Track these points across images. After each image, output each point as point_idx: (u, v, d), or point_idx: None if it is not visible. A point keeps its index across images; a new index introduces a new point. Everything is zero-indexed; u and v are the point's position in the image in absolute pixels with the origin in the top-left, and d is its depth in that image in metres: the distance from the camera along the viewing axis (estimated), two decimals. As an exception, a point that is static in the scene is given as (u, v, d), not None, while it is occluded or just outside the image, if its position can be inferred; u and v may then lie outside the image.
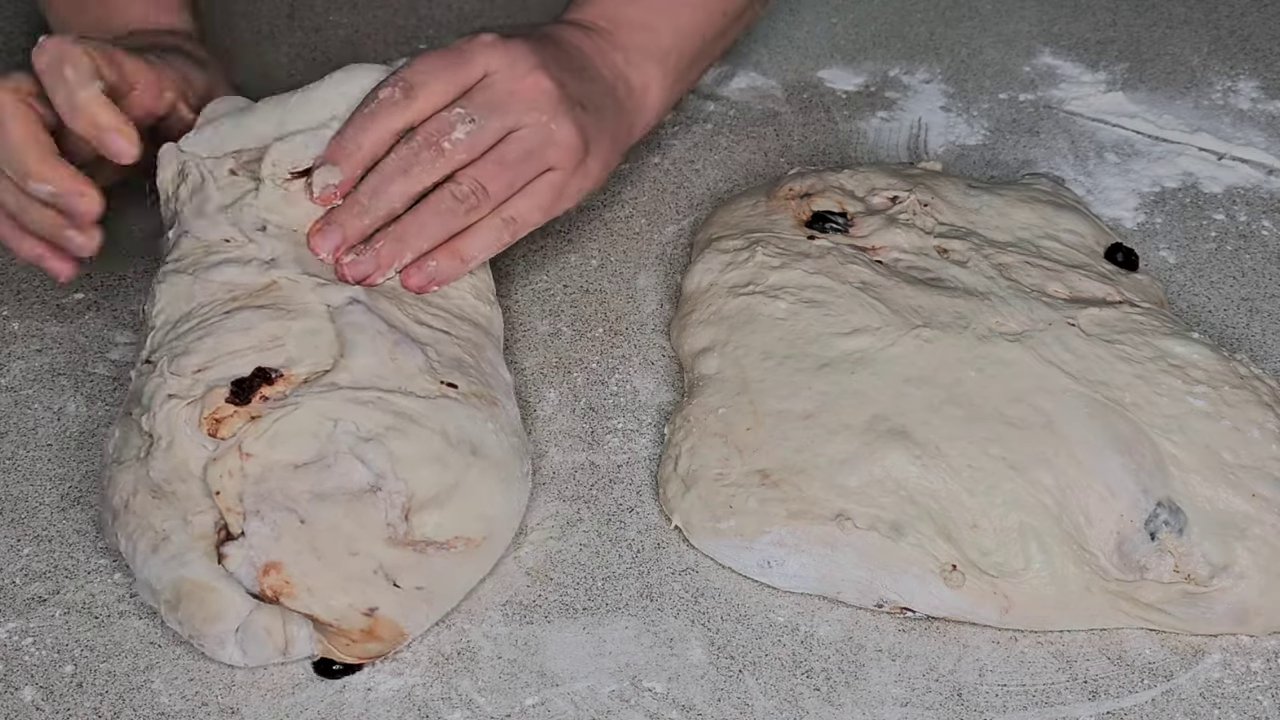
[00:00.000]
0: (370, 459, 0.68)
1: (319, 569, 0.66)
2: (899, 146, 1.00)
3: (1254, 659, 0.69)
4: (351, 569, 0.66)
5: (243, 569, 0.66)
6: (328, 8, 1.12)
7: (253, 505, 0.67)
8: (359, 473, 0.68)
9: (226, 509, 0.67)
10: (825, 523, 0.71)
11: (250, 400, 0.69)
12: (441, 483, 0.69)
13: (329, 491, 0.67)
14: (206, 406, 0.69)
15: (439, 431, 0.70)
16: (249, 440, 0.68)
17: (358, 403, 0.70)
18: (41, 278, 0.88)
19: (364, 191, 0.76)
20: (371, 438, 0.69)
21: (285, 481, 0.67)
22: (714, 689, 0.67)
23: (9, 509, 0.75)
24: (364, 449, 0.68)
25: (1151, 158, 0.99)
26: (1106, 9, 1.13)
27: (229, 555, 0.66)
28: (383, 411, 0.70)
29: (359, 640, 0.67)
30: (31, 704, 0.66)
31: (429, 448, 0.70)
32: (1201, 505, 0.70)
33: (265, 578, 0.66)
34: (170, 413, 0.69)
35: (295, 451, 0.68)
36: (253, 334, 0.72)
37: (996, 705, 0.67)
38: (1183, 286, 0.89)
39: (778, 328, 0.78)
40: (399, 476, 0.68)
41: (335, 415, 0.69)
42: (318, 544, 0.66)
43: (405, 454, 0.69)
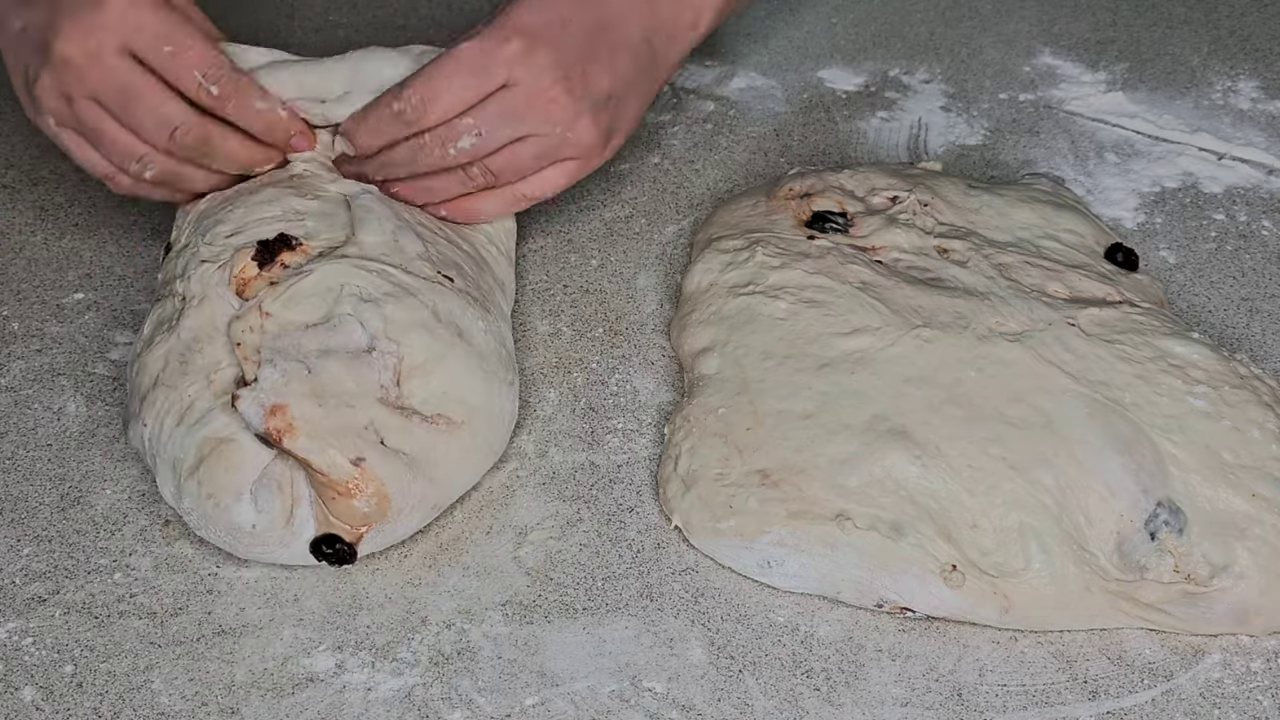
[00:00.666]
0: (368, 320, 0.74)
1: (319, 415, 0.71)
2: (899, 146, 1.00)
3: (1254, 659, 0.69)
4: (346, 420, 0.71)
5: (251, 409, 0.71)
6: (328, 8, 1.12)
7: (268, 355, 0.73)
8: (359, 334, 0.74)
9: (244, 358, 0.73)
10: (825, 523, 0.71)
11: (274, 261, 0.76)
12: (429, 352, 0.75)
13: (333, 348, 0.73)
14: (235, 265, 0.76)
15: (429, 307, 0.76)
16: (269, 301, 0.74)
17: (364, 270, 0.76)
18: (41, 278, 0.88)
19: (373, 165, 0.81)
20: (370, 299, 0.75)
21: (298, 338, 0.73)
22: (714, 689, 0.67)
23: (9, 509, 0.75)
24: (363, 310, 0.74)
25: (1151, 158, 0.99)
26: (1106, 9, 1.13)
27: (241, 396, 0.71)
28: (382, 280, 0.76)
29: (344, 495, 0.70)
30: (31, 704, 0.66)
31: (418, 317, 0.75)
32: (1201, 505, 0.70)
33: (271, 418, 0.70)
34: (204, 275, 0.76)
35: (308, 312, 0.74)
36: (277, 205, 0.79)
37: (996, 705, 0.67)
38: (1183, 286, 0.89)
39: (778, 328, 0.78)
40: (390, 338, 0.74)
41: (343, 280, 0.75)
42: (320, 392, 0.72)
43: (397, 318, 0.75)
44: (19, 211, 0.93)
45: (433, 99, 0.78)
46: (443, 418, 0.74)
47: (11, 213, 0.93)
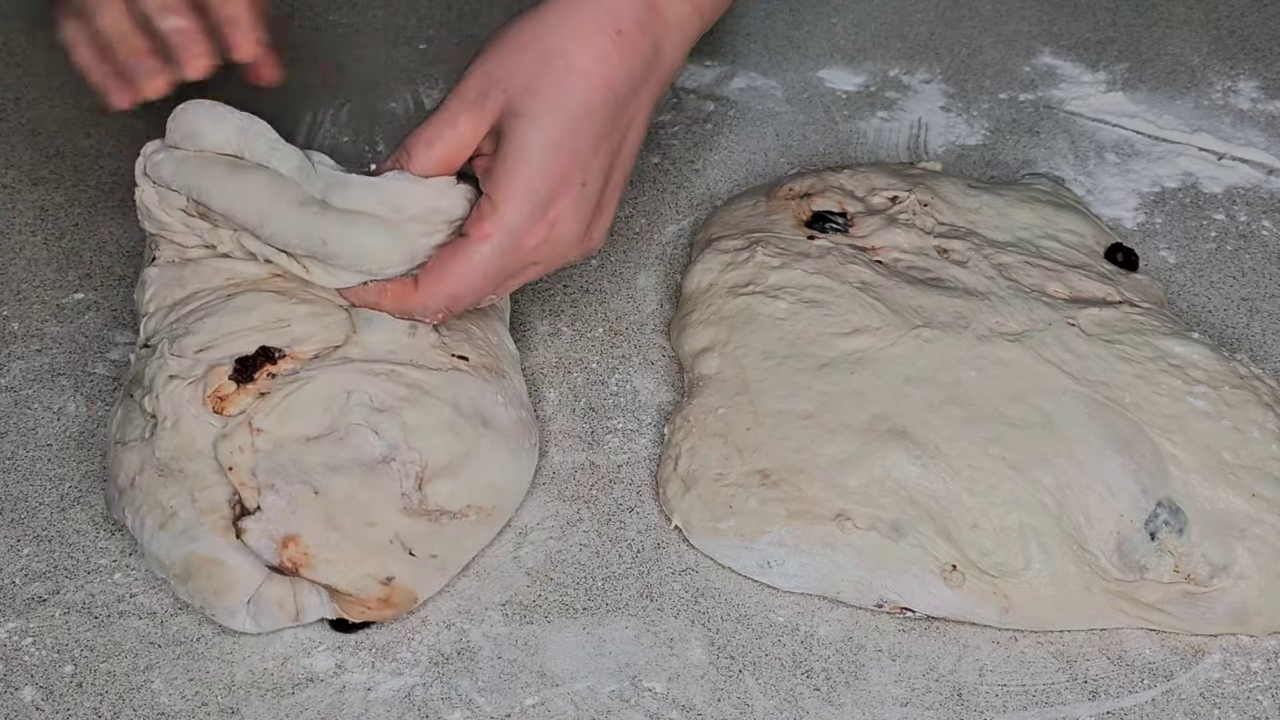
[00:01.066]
0: (384, 429, 0.69)
1: (336, 540, 0.67)
2: (899, 146, 1.00)
3: (1254, 659, 0.69)
4: (368, 539, 0.68)
5: (261, 542, 0.67)
6: (328, 8, 1.12)
7: (266, 479, 0.68)
8: (372, 444, 0.69)
9: (240, 484, 0.68)
10: (825, 523, 0.71)
11: (254, 378, 0.70)
12: (454, 452, 0.71)
13: (343, 463, 0.69)
14: (209, 385, 0.70)
15: (450, 403, 0.72)
16: (259, 416, 0.69)
17: (371, 374, 0.71)
18: (41, 277, 0.88)
19: None
20: (385, 409, 0.70)
21: (298, 454, 0.68)
22: (714, 689, 0.67)
23: (9, 509, 0.75)
24: (378, 420, 0.70)
25: (1151, 158, 0.99)
26: (1106, 9, 1.13)
27: (247, 530, 0.67)
28: (396, 383, 0.71)
29: (375, 607, 0.68)
30: (31, 704, 0.66)
31: (441, 418, 0.71)
32: (1201, 505, 0.70)
33: (284, 550, 0.67)
34: (173, 393, 0.70)
35: (307, 425, 0.69)
36: (255, 314, 0.72)
37: (996, 705, 0.67)
38: (1183, 286, 0.89)
39: (778, 328, 0.78)
40: (412, 447, 0.70)
41: (349, 387, 0.70)
42: (334, 515, 0.68)
43: (418, 424, 0.70)
44: (19, 211, 0.93)
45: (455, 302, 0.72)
46: (472, 508, 0.71)
47: (11, 213, 0.93)
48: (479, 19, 1.11)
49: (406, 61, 1.06)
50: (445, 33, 1.09)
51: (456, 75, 0.72)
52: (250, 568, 0.67)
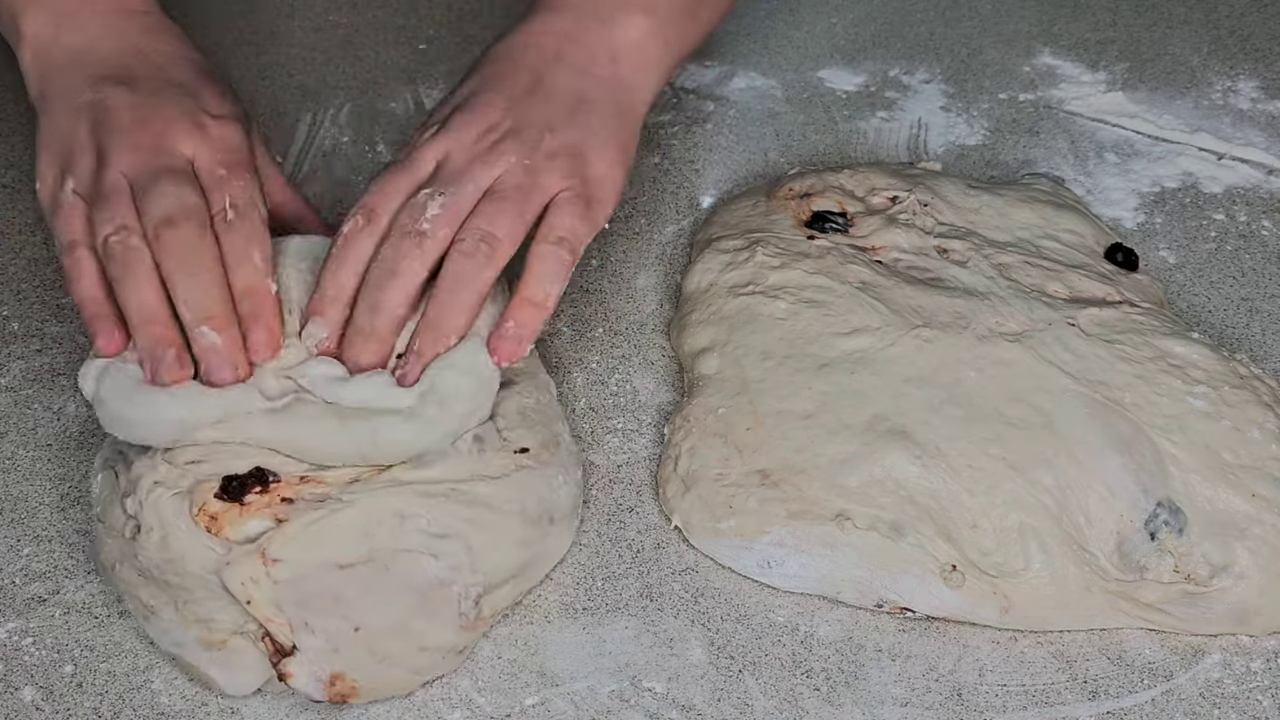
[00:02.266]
0: (445, 555, 0.65)
1: (384, 670, 0.64)
2: (899, 146, 1.00)
3: (1254, 659, 0.69)
4: (421, 662, 0.65)
5: (310, 685, 0.64)
6: (328, 8, 1.12)
7: (296, 616, 0.63)
8: (428, 570, 0.65)
9: (266, 619, 0.63)
10: (825, 523, 0.71)
11: (241, 501, 0.65)
12: (520, 563, 0.68)
13: (390, 592, 0.64)
14: (195, 501, 0.65)
15: (518, 513, 0.68)
16: (275, 547, 0.63)
17: (428, 496, 0.66)
18: (41, 277, 0.88)
19: (361, 313, 0.69)
20: (447, 534, 0.65)
21: (330, 585, 0.63)
22: (714, 689, 0.67)
23: (9, 509, 0.75)
24: (439, 546, 0.65)
25: (1151, 158, 0.99)
26: (1106, 9, 1.13)
27: (292, 674, 0.63)
28: (457, 503, 0.66)
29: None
30: (31, 704, 0.66)
31: (510, 535, 0.67)
32: (1201, 505, 0.70)
33: (331, 688, 0.64)
34: (157, 502, 0.65)
35: (339, 553, 0.64)
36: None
37: (996, 705, 0.67)
38: (1183, 286, 0.89)
39: (778, 328, 0.78)
40: (477, 570, 0.66)
41: (402, 511, 0.65)
42: (380, 649, 0.64)
43: (485, 546, 0.66)
44: (19, 211, 0.93)
45: (377, 203, 0.71)
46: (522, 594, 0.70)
47: (11, 213, 0.93)
48: (479, 19, 1.11)
49: (406, 61, 1.06)
50: (445, 33, 1.09)
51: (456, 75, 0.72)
52: (240, 683, 0.65)
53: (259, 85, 1.03)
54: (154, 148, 0.71)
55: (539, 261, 0.71)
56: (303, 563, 0.63)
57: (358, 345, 0.69)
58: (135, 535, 0.65)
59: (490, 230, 0.70)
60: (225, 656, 0.65)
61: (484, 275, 0.69)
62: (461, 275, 0.69)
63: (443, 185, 0.71)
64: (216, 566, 0.63)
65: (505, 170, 0.72)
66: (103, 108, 0.73)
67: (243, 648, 0.64)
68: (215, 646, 0.64)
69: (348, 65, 1.06)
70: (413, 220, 0.70)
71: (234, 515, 0.64)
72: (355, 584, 0.63)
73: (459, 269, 0.69)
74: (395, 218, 0.71)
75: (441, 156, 0.73)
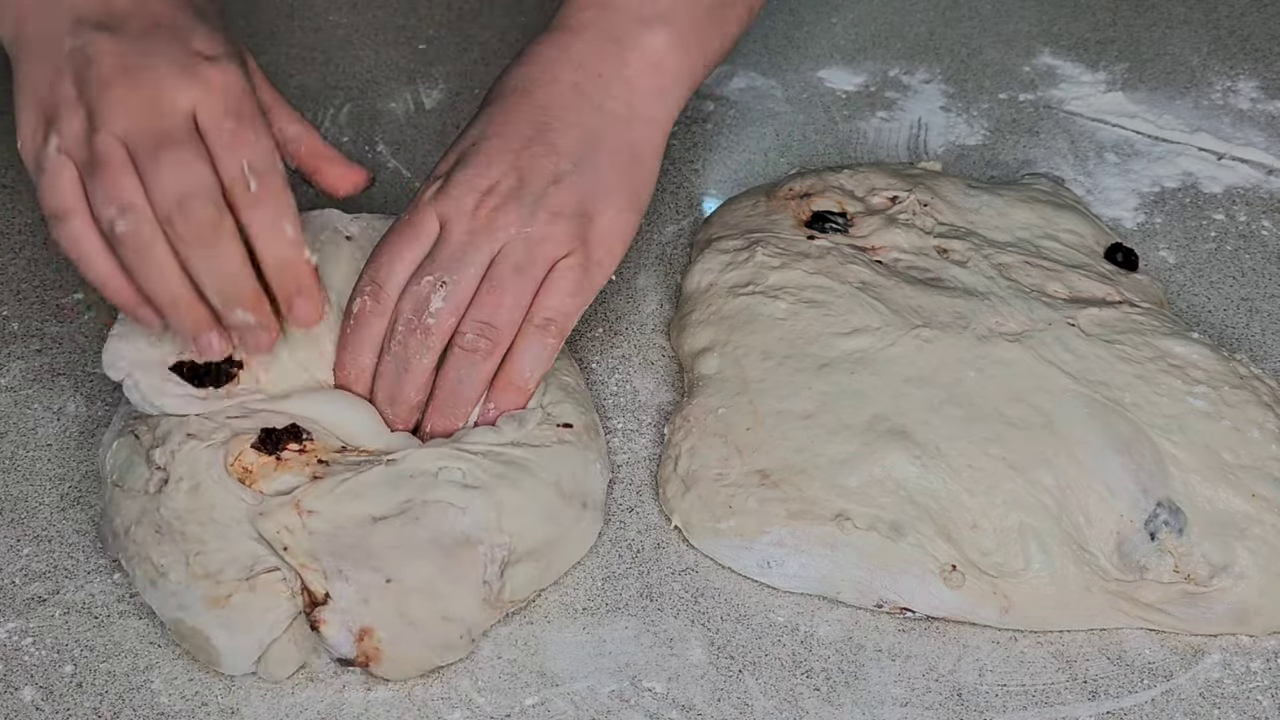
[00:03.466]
0: (474, 508, 0.65)
1: (409, 635, 0.65)
2: (899, 146, 1.00)
3: (1254, 659, 0.69)
4: (440, 635, 0.65)
5: (340, 635, 0.64)
6: (328, 8, 1.12)
7: (332, 564, 0.64)
8: (454, 521, 0.65)
9: (301, 566, 0.64)
10: (825, 523, 0.71)
11: (277, 454, 0.67)
12: (547, 538, 0.68)
13: (419, 545, 0.64)
14: (230, 452, 0.67)
15: (553, 483, 0.68)
16: (310, 499, 0.65)
17: (465, 453, 0.68)
18: (41, 277, 0.88)
19: (382, 403, 0.73)
20: (478, 485, 0.66)
21: (364, 536, 0.64)
22: (714, 689, 0.67)
23: (9, 509, 0.75)
24: (468, 497, 0.66)
25: (1151, 158, 0.99)
26: (1106, 9, 1.13)
27: (325, 621, 0.64)
28: (493, 460, 0.67)
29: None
30: (31, 704, 0.66)
31: (541, 501, 0.68)
32: (1201, 505, 0.70)
33: (360, 643, 0.64)
34: (192, 454, 0.67)
35: (373, 505, 0.65)
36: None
37: (996, 705, 0.67)
38: (1183, 286, 0.89)
39: (778, 328, 0.78)
40: (504, 529, 0.66)
41: (438, 464, 0.66)
42: (408, 608, 0.64)
43: (516, 505, 0.66)
44: (19, 211, 0.93)
45: (383, 279, 0.72)
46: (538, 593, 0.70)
47: (11, 213, 0.93)
48: (479, 19, 1.11)
49: (406, 61, 1.06)
50: (445, 33, 1.09)
51: (456, 75, 0.72)
52: (243, 649, 0.65)
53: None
54: (150, 105, 0.66)
55: (524, 344, 0.72)
56: (338, 514, 0.65)
57: None
58: (161, 488, 0.66)
59: (489, 323, 0.71)
60: (228, 615, 0.64)
61: (484, 368, 0.72)
62: (463, 371, 0.72)
63: (445, 269, 0.71)
64: (247, 516, 0.65)
65: (505, 244, 0.72)
66: (85, 57, 0.67)
67: (245, 603, 0.64)
68: (219, 604, 0.64)
69: (348, 65, 1.06)
70: (418, 314, 0.71)
71: (269, 469, 0.66)
72: (387, 535, 0.64)
73: (462, 364, 0.72)
74: (401, 300, 0.72)
75: (442, 218, 0.72)
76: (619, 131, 0.76)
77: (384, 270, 0.72)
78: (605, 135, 0.75)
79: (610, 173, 0.75)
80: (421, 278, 0.71)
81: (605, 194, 0.74)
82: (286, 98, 0.74)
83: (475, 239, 0.72)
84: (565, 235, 0.72)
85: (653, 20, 0.77)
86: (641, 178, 0.76)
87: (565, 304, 0.73)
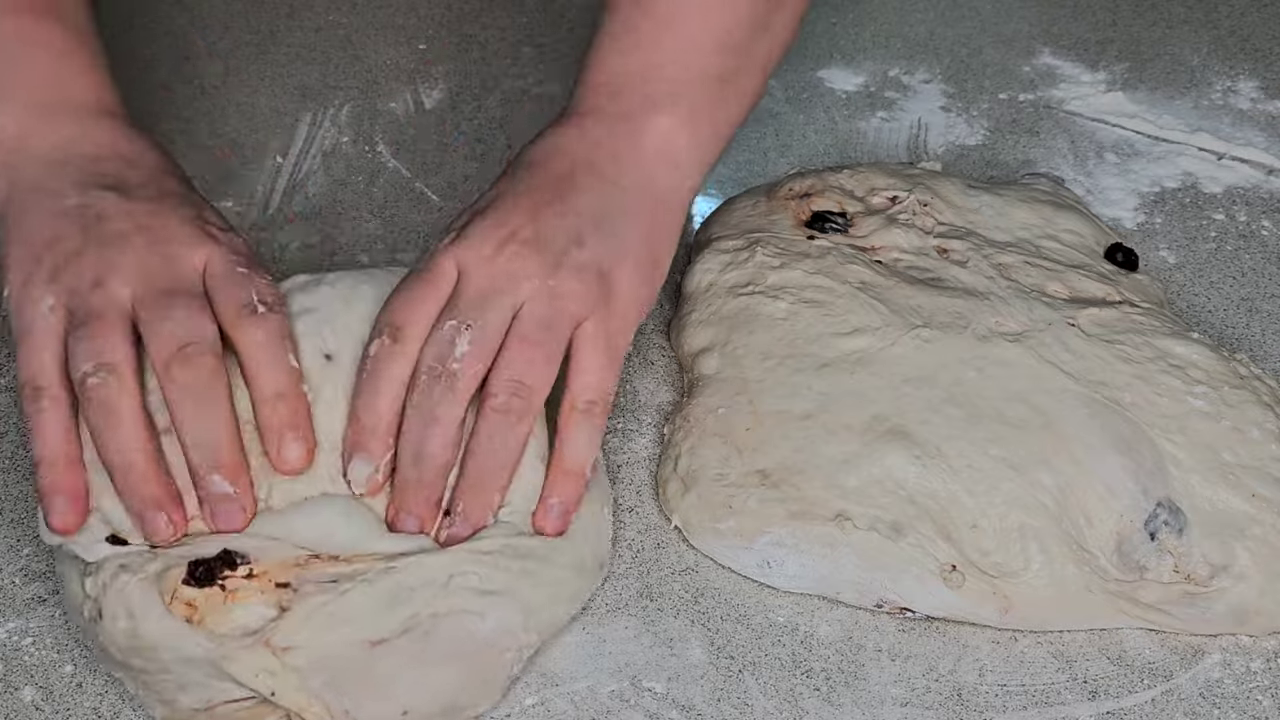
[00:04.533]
0: (496, 615, 0.60)
1: None
2: (899, 146, 1.00)
3: (1254, 659, 0.69)
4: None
5: None
6: (328, 8, 1.12)
7: (336, 701, 0.58)
8: (472, 629, 0.60)
9: (300, 708, 0.58)
10: (825, 523, 0.71)
11: (212, 585, 0.60)
12: (571, 615, 0.66)
13: (436, 662, 0.59)
14: (165, 589, 0.60)
15: (575, 565, 0.65)
16: (282, 635, 0.58)
17: (478, 554, 0.62)
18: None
19: (406, 464, 0.66)
20: (498, 590, 0.61)
21: (367, 664, 0.58)
22: (714, 689, 0.67)
23: (9, 509, 0.75)
24: (486, 604, 0.60)
25: (1151, 158, 0.99)
26: (1106, 9, 1.13)
27: None
28: (509, 557, 0.62)
29: None
30: (31, 704, 0.66)
31: (567, 588, 0.65)
32: (1201, 505, 0.70)
33: None
34: (124, 589, 0.60)
35: (365, 628, 0.59)
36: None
37: (996, 705, 0.67)
38: (1183, 286, 0.89)
39: (777, 328, 0.78)
40: (530, 629, 0.62)
41: (450, 572, 0.60)
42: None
43: (539, 603, 0.62)
44: (19, 211, 0.92)
45: (403, 322, 0.68)
46: None
47: (11, 213, 0.92)
48: (479, 19, 1.11)
49: (406, 61, 1.06)
50: (445, 33, 1.09)
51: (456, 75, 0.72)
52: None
53: (259, 85, 1.03)
54: (165, 262, 0.66)
55: (574, 431, 0.69)
56: (323, 644, 0.58)
57: (409, 495, 0.66)
58: (98, 619, 0.60)
59: (522, 381, 0.67)
60: None
61: (520, 430, 0.67)
62: (497, 434, 0.67)
63: (467, 313, 0.68)
64: (204, 656, 0.59)
65: (529, 297, 0.69)
66: (96, 214, 0.67)
67: None
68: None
69: (348, 65, 1.06)
70: (442, 361, 0.67)
71: (216, 602, 0.59)
72: (394, 660, 0.58)
73: (495, 428, 0.67)
74: (424, 347, 0.68)
75: (461, 265, 0.69)
76: (637, 200, 0.74)
77: (401, 314, 0.68)
78: (624, 203, 0.73)
79: (630, 237, 0.73)
80: (444, 323, 0.68)
81: (624, 259, 0.72)
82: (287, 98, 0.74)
83: (496, 284, 0.69)
84: (588, 295, 0.70)
85: (662, 101, 0.75)
86: (661, 243, 0.75)
87: (603, 380, 0.70)
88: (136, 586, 0.59)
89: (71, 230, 0.67)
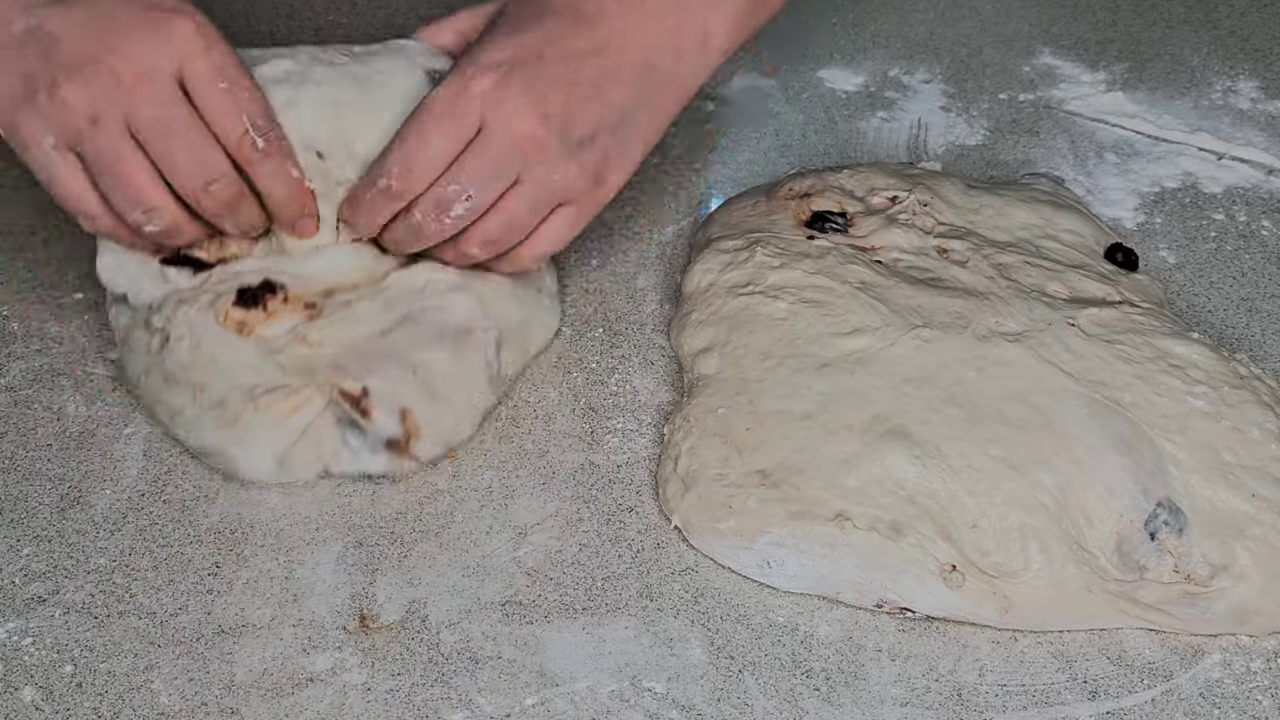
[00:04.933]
0: (460, 304, 0.77)
1: (439, 412, 0.75)
2: (899, 146, 1.00)
3: (1254, 659, 0.69)
4: (464, 409, 0.76)
5: (388, 418, 0.73)
6: (328, 8, 1.12)
7: (359, 368, 0.74)
8: (449, 315, 0.76)
9: (331, 375, 0.73)
10: (825, 523, 0.71)
11: (256, 307, 0.75)
12: (520, 319, 0.80)
13: (429, 340, 0.75)
14: (219, 312, 0.75)
15: (509, 279, 0.80)
16: (315, 332, 0.75)
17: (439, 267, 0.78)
18: (41, 278, 0.88)
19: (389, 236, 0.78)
20: (458, 287, 0.77)
21: (380, 345, 0.75)
22: (714, 689, 0.67)
23: (9, 509, 0.75)
24: (454, 298, 0.77)
25: (1151, 158, 0.99)
26: (1106, 9, 1.13)
27: (375, 408, 0.73)
28: (459, 273, 0.78)
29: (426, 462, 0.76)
30: (31, 704, 0.66)
31: (506, 287, 0.79)
32: (1201, 505, 0.70)
33: (403, 423, 0.73)
34: (186, 316, 0.75)
35: (374, 325, 0.76)
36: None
37: (996, 705, 0.67)
38: (1183, 286, 0.89)
39: (777, 328, 0.78)
40: (489, 315, 0.77)
41: (426, 277, 0.77)
42: (435, 388, 0.75)
43: (490, 294, 0.78)
44: (19, 212, 0.93)
45: (415, 162, 0.73)
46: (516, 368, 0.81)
47: (11, 213, 0.93)
48: (479, 19, 1.10)
49: (406, 61, 1.06)
50: (445, 33, 1.09)
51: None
52: (252, 458, 0.74)
53: (259, 85, 1.03)
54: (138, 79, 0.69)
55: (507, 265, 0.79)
56: (345, 337, 0.75)
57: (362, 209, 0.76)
58: (163, 346, 0.75)
59: (495, 241, 0.77)
60: (238, 433, 0.74)
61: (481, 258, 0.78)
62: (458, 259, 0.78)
63: (476, 185, 0.74)
64: (255, 355, 0.74)
65: (531, 179, 0.74)
66: (47, 34, 0.69)
67: (252, 421, 0.73)
68: (229, 425, 0.74)
69: (348, 65, 1.05)
70: (438, 212, 0.75)
71: (259, 319, 0.76)
72: (400, 339, 0.75)
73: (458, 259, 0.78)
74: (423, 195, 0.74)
75: (487, 123, 0.73)
76: (660, 93, 0.78)
77: (416, 155, 0.74)
78: (649, 95, 0.77)
79: (636, 143, 0.78)
80: (449, 185, 0.74)
81: (625, 163, 0.78)
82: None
83: (510, 162, 0.74)
84: (581, 187, 0.76)
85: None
86: (661, 131, 0.80)
87: (548, 250, 0.78)
88: (196, 312, 0.75)
89: (33, 60, 0.69)
